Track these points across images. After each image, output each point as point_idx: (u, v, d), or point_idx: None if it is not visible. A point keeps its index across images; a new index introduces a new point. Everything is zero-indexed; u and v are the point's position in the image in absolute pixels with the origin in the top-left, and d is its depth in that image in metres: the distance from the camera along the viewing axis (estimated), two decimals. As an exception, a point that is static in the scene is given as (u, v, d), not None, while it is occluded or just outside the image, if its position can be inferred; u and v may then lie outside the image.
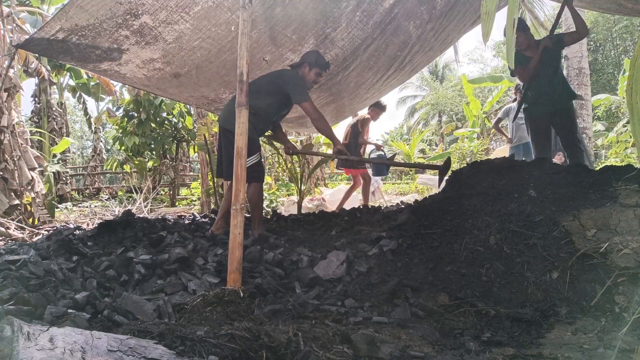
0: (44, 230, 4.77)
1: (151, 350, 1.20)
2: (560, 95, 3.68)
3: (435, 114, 26.73)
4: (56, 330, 1.16)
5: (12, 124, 5.01)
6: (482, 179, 2.91)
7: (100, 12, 2.77)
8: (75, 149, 26.86)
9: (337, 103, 5.08)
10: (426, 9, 3.73)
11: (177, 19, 3.02)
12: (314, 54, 3.41)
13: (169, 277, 2.32)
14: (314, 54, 3.40)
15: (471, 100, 10.90)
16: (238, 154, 2.17)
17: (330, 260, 2.43)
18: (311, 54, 3.42)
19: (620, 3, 3.68)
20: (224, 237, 3.10)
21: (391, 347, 1.42)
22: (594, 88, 13.50)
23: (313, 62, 3.34)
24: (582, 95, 6.80)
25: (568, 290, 1.84)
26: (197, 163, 11.30)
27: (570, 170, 2.79)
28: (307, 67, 3.35)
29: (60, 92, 12.12)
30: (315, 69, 3.34)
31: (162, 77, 3.74)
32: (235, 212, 2.11)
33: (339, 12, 3.47)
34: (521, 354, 1.42)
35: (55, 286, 2.07)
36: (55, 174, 8.80)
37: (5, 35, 5.12)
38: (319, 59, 3.36)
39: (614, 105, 11.42)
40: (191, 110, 9.32)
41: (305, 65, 3.36)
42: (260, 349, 1.33)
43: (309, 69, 3.35)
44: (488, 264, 2.07)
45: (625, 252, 1.82)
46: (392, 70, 4.50)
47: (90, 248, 2.84)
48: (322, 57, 3.42)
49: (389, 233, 2.71)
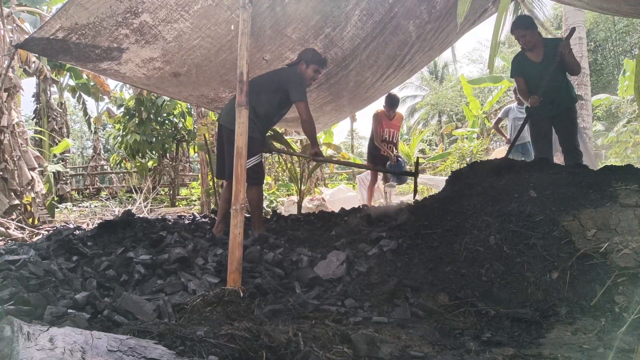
0: (44, 230, 4.77)
1: (151, 350, 1.20)
2: (562, 99, 3.66)
3: (435, 114, 26.73)
4: (56, 330, 1.16)
5: (12, 124, 5.01)
6: (482, 179, 2.91)
7: (100, 10, 2.76)
8: (75, 149, 26.86)
9: (337, 102, 5.07)
10: (426, 9, 3.73)
11: (177, 18, 3.02)
12: (311, 51, 3.42)
13: (169, 277, 2.32)
14: (310, 51, 3.41)
15: (471, 100, 10.90)
16: (238, 154, 2.17)
17: (330, 260, 2.43)
18: (307, 51, 3.42)
19: (619, 4, 3.68)
20: (224, 237, 3.10)
21: (391, 347, 1.42)
22: (594, 88, 13.50)
23: (310, 59, 3.34)
24: (582, 95, 6.80)
25: (568, 290, 1.84)
26: (197, 163, 11.30)
27: (570, 170, 2.79)
28: (304, 64, 3.36)
29: (60, 92, 12.12)
30: (312, 65, 3.35)
31: (162, 76, 3.74)
32: (235, 212, 2.11)
33: (339, 11, 3.47)
34: (521, 354, 1.42)
35: (55, 286, 2.07)
36: (55, 174, 8.80)
37: (5, 35, 5.11)
38: (315, 56, 3.37)
39: (614, 105, 11.42)
40: (191, 110, 9.33)
41: (302, 62, 3.37)
42: (260, 349, 1.33)
43: (306, 66, 3.35)
44: (488, 264, 2.07)
45: (625, 252, 1.81)
46: (392, 69, 4.50)
47: (90, 248, 2.84)
48: (318, 54, 3.42)
49: (389, 233, 2.71)
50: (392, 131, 5.75)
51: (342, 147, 13.23)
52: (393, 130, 5.77)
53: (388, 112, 5.68)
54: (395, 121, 5.82)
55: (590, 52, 16.03)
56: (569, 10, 6.99)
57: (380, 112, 5.73)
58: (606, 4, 3.67)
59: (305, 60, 3.35)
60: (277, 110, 3.38)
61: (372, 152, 5.83)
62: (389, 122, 5.72)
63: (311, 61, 3.34)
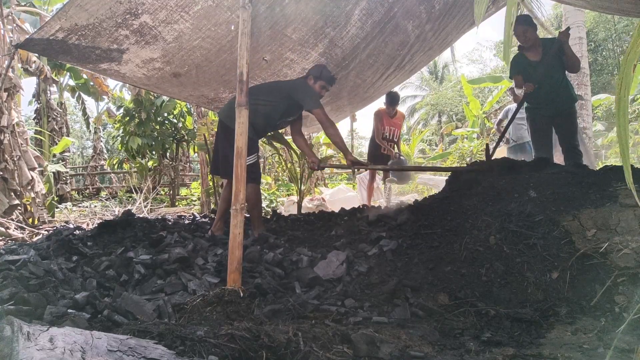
0: (44, 230, 4.77)
1: (151, 350, 1.20)
2: (562, 99, 3.67)
3: (435, 114, 26.72)
4: (56, 330, 1.16)
5: (12, 124, 5.00)
6: (482, 179, 2.91)
7: (100, 12, 2.77)
8: (75, 149, 26.85)
9: (337, 102, 5.07)
10: (425, 9, 3.73)
11: (177, 19, 3.02)
12: (319, 67, 3.48)
13: (169, 277, 2.32)
14: (319, 68, 3.47)
15: (471, 100, 10.90)
16: (238, 154, 2.17)
17: (330, 260, 2.43)
18: (317, 67, 3.48)
19: (619, 2, 3.67)
20: (224, 237, 3.10)
21: (391, 347, 1.42)
22: (594, 88, 13.50)
23: (318, 76, 3.40)
24: (582, 95, 6.80)
25: (568, 290, 1.84)
26: (197, 163, 11.30)
27: (570, 170, 2.79)
28: (312, 79, 3.42)
29: (61, 92, 12.11)
30: (320, 81, 3.40)
31: (162, 77, 3.74)
32: (235, 212, 2.11)
33: (339, 11, 3.47)
34: (521, 354, 1.42)
35: (55, 286, 2.07)
36: (55, 174, 8.79)
37: (5, 35, 5.11)
38: (324, 72, 3.43)
39: (614, 105, 11.41)
40: (191, 110, 9.32)
41: (310, 77, 3.42)
42: (260, 349, 1.33)
43: (314, 82, 3.41)
44: (488, 264, 2.07)
45: (625, 252, 1.81)
46: (392, 69, 4.50)
47: (90, 248, 2.84)
48: (327, 71, 3.48)
49: (389, 233, 2.71)
50: (393, 129, 5.75)
51: (342, 147, 13.21)
52: (394, 128, 5.76)
53: (389, 109, 5.67)
54: (397, 120, 5.81)
55: (590, 52, 16.02)
56: (569, 10, 6.98)
57: (382, 110, 5.73)
58: (606, 3, 3.66)
59: (314, 76, 3.41)
60: (280, 115, 3.42)
61: (373, 151, 5.83)
62: (390, 120, 5.72)
63: (320, 77, 3.40)
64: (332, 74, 3.53)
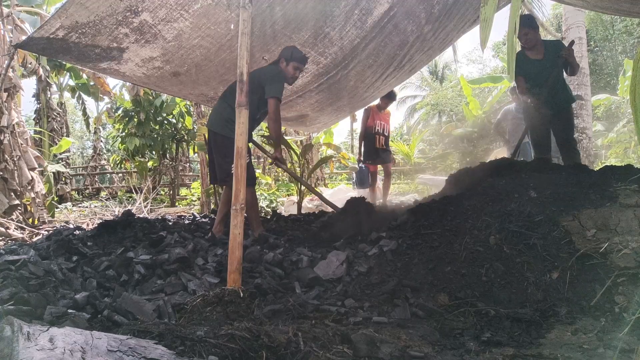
0: (44, 230, 4.76)
1: (151, 350, 1.20)
2: (560, 98, 3.71)
3: (435, 114, 26.70)
4: (56, 330, 1.16)
5: (12, 124, 5.00)
6: (482, 179, 2.91)
7: (100, 9, 2.77)
8: (75, 149, 26.82)
9: (337, 102, 5.07)
10: (424, 9, 3.73)
11: (177, 17, 3.02)
12: (290, 48, 3.40)
13: (169, 277, 2.32)
14: (289, 49, 3.39)
15: (471, 100, 10.89)
16: (238, 154, 2.17)
17: (330, 260, 2.43)
18: (287, 49, 3.41)
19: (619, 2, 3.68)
20: (224, 237, 3.10)
21: (391, 347, 1.42)
22: (593, 88, 13.48)
23: (289, 57, 3.33)
24: (582, 95, 6.80)
25: (568, 290, 1.84)
26: (197, 163, 11.30)
27: (570, 170, 2.79)
28: (284, 62, 3.35)
29: (61, 92, 12.11)
30: (292, 62, 3.34)
31: (162, 76, 3.74)
32: (235, 212, 2.11)
33: (338, 11, 3.47)
34: (521, 354, 1.42)
35: (55, 286, 2.07)
36: (55, 174, 8.78)
37: (5, 35, 5.11)
38: (294, 53, 3.36)
39: (614, 105, 11.42)
40: (191, 110, 9.32)
41: (282, 60, 3.36)
42: (260, 349, 1.33)
43: (286, 64, 3.35)
44: (488, 264, 2.06)
45: (625, 252, 1.81)
46: (392, 69, 4.50)
47: (90, 248, 2.84)
48: (298, 51, 3.40)
49: (389, 233, 2.70)
50: (383, 123, 5.86)
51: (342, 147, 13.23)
52: (384, 123, 5.87)
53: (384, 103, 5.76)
54: (386, 115, 5.94)
55: (590, 52, 16.02)
56: (569, 10, 6.98)
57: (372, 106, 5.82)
58: (606, 3, 3.67)
59: (285, 58, 3.35)
60: (257, 109, 3.31)
61: (368, 147, 5.86)
62: (380, 115, 5.82)
63: (291, 59, 3.33)
64: (303, 54, 3.44)
